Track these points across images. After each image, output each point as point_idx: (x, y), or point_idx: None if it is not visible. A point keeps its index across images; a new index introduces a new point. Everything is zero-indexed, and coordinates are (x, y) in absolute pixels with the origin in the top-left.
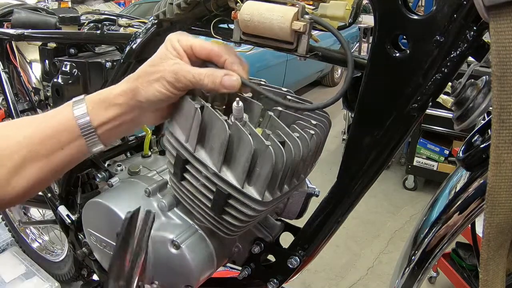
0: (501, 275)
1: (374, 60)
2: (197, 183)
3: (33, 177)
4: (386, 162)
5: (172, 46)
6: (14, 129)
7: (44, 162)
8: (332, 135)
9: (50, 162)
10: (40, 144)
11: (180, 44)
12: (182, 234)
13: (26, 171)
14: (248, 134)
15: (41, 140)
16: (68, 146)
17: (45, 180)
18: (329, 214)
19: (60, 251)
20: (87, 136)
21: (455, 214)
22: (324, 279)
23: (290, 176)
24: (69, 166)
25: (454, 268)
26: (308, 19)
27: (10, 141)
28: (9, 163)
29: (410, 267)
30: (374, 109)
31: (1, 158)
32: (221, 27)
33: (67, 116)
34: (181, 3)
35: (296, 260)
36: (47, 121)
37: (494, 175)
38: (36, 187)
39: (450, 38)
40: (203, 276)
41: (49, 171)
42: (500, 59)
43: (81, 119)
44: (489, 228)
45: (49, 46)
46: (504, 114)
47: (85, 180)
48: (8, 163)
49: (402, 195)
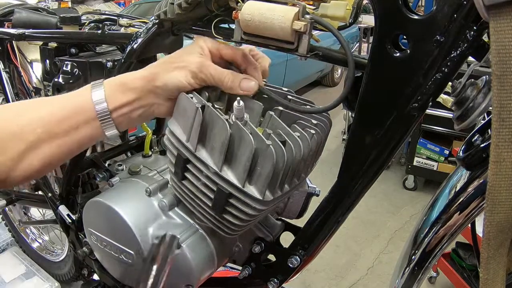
0: (502, 274)
1: (374, 60)
2: (198, 182)
3: (47, 156)
4: (386, 162)
5: (199, 45)
6: (32, 107)
7: (58, 142)
8: (332, 135)
9: (64, 142)
10: (57, 124)
11: (207, 44)
12: (183, 234)
13: (41, 149)
14: (249, 133)
15: (58, 120)
16: (83, 128)
17: (58, 159)
18: (329, 214)
19: (60, 251)
20: (103, 119)
21: (455, 213)
22: (324, 279)
23: (291, 176)
24: (82, 147)
25: (454, 268)
26: (309, 19)
27: (28, 118)
28: (30, 137)
29: (410, 267)
30: (374, 109)
31: (21, 133)
32: (222, 27)
33: (85, 98)
34: (182, 3)
35: (296, 260)
36: (65, 102)
37: (494, 174)
38: (48, 165)
39: (450, 38)
40: (204, 276)
41: (62, 151)
42: (500, 58)
43: (98, 102)
44: (490, 227)
45: (50, 45)
46: (504, 113)
47: (85, 180)
48: (29, 137)
49: (402, 195)
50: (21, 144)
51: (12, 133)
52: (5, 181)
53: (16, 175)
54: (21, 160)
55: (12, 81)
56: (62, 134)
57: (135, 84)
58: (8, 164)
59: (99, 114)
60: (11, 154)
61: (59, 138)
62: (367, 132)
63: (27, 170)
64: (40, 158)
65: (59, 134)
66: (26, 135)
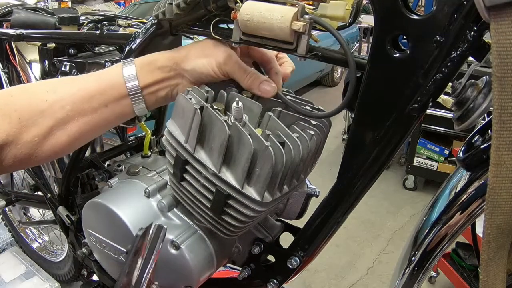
0: (502, 276)
1: (374, 60)
2: (196, 183)
3: (74, 132)
4: (386, 162)
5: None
6: (65, 83)
7: (86, 119)
8: (332, 135)
9: (92, 119)
10: (88, 101)
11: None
12: (182, 235)
13: (69, 125)
14: (247, 134)
15: (89, 96)
16: (113, 104)
17: (86, 136)
18: (329, 215)
19: (60, 251)
20: (133, 95)
21: (456, 214)
22: (324, 279)
23: (290, 177)
24: (110, 124)
25: (454, 268)
26: (308, 19)
27: (59, 94)
28: (59, 114)
29: (410, 267)
30: (374, 109)
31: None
32: (221, 27)
33: (116, 75)
34: (180, 3)
35: (296, 261)
36: (96, 78)
37: (494, 176)
38: (76, 142)
39: (450, 38)
40: (203, 277)
41: (90, 128)
42: (501, 59)
43: (130, 80)
44: (490, 229)
45: (49, 46)
46: (504, 115)
47: (84, 181)
48: (58, 114)
49: (402, 195)
50: (49, 120)
51: (41, 109)
52: (31, 156)
53: (44, 150)
54: (49, 136)
55: (11, 82)
56: (90, 111)
57: (165, 63)
58: (35, 140)
59: (130, 91)
60: (40, 129)
61: (87, 115)
62: (367, 132)
63: (55, 145)
64: (67, 135)
65: (88, 111)
66: (55, 111)
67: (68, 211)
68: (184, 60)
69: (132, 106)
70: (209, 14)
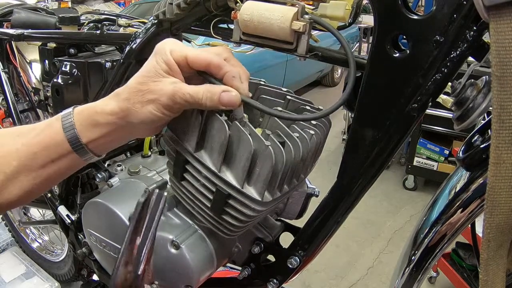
0: (501, 275)
1: (374, 60)
2: (197, 183)
3: (25, 186)
4: (386, 162)
5: (164, 60)
6: (9, 138)
7: (35, 174)
8: (332, 135)
9: (41, 174)
10: (32, 157)
11: (173, 55)
12: (182, 234)
13: (19, 181)
14: (248, 134)
15: (33, 153)
16: (59, 160)
17: (38, 189)
18: (329, 214)
19: (60, 251)
20: (79, 151)
21: (455, 214)
22: (324, 279)
23: (290, 176)
24: (63, 176)
25: (454, 268)
26: (308, 19)
27: (5, 150)
28: (7, 169)
29: (410, 267)
30: (374, 109)
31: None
32: (221, 27)
33: (56, 132)
34: (181, 3)
35: (296, 260)
36: (38, 133)
37: (494, 175)
38: (29, 195)
39: (450, 38)
40: (203, 276)
41: (41, 181)
42: (500, 59)
43: (70, 136)
44: (489, 228)
45: (49, 46)
46: (504, 114)
47: (85, 180)
48: (6, 169)
49: (402, 195)
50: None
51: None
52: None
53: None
54: (1, 189)
55: (11, 82)
56: (37, 167)
57: (107, 119)
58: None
59: (74, 148)
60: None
61: (35, 170)
62: (367, 132)
63: (8, 199)
64: (19, 188)
65: (35, 167)
66: (3, 165)
67: (68, 211)
68: (128, 114)
69: (82, 159)
70: (209, 14)
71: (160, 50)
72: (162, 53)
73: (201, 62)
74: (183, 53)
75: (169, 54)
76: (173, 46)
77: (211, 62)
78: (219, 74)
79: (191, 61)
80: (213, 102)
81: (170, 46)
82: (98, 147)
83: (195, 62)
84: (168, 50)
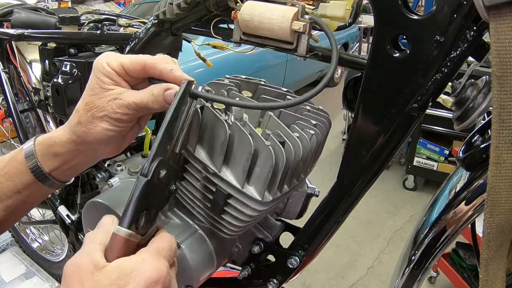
0: (501, 275)
1: (374, 60)
2: (197, 183)
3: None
4: (386, 162)
5: (103, 73)
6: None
7: (5, 204)
8: (332, 135)
9: (10, 204)
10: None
11: (111, 66)
12: (182, 234)
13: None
14: (248, 134)
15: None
16: (26, 190)
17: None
18: (329, 214)
19: (60, 251)
20: (42, 180)
21: (455, 214)
22: (324, 279)
23: (290, 176)
24: (35, 203)
25: (454, 268)
26: (308, 19)
27: None
28: None
29: (410, 267)
30: (374, 109)
31: None
32: (221, 27)
33: (19, 163)
34: (181, 3)
35: (296, 260)
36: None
37: (494, 175)
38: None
39: (450, 38)
40: (203, 276)
41: (13, 210)
42: (500, 59)
43: (32, 166)
44: (489, 228)
45: (49, 46)
46: (504, 114)
47: (85, 180)
48: None
49: (402, 195)
50: None
51: None
52: None
53: None
54: None
55: (12, 82)
56: (5, 198)
57: (67, 149)
58: None
59: (38, 177)
60: None
61: (3, 201)
62: (367, 132)
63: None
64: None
65: (2, 197)
66: None
67: (68, 211)
68: (83, 136)
69: (47, 187)
70: (209, 14)
71: (97, 65)
72: (100, 67)
73: (136, 66)
74: (119, 62)
75: (106, 66)
76: (108, 58)
77: (145, 63)
78: (157, 73)
79: (127, 67)
80: (160, 103)
81: (105, 59)
82: (61, 174)
83: (131, 67)
84: (104, 63)
